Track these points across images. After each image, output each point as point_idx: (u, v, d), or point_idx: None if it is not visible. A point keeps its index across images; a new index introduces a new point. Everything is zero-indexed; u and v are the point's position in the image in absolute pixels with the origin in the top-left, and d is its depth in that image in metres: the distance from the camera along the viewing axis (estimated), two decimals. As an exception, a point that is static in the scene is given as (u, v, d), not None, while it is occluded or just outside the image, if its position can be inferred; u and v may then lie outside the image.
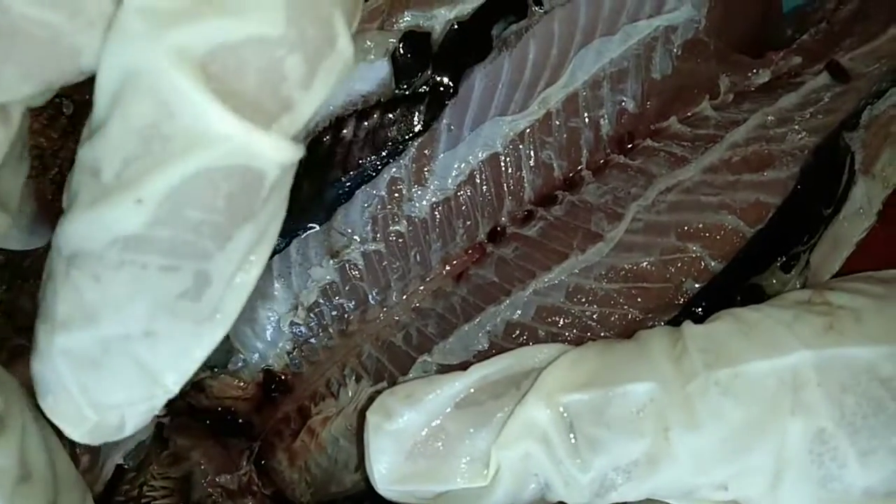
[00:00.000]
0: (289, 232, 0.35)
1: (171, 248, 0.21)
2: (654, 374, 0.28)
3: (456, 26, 0.36)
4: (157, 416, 0.34)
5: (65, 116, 0.44)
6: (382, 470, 0.29)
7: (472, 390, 0.30)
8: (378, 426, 0.29)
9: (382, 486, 0.30)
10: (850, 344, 0.27)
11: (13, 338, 0.42)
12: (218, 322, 0.23)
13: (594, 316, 0.34)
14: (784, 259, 0.36)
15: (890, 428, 0.26)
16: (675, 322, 0.34)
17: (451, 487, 0.29)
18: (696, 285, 0.35)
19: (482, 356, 0.33)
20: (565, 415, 0.28)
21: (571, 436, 0.28)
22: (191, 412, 0.35)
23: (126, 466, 0.34)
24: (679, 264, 0.34)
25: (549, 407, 0.28)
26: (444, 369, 0.34)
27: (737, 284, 0.36)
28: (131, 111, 0.20)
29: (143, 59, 0.20)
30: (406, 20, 0.35)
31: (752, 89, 0.39)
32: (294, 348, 0.35)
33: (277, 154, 0.21)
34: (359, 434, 0.32)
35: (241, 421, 0.36)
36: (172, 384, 0.23)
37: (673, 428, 0.27)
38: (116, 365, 0.23)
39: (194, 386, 0.35)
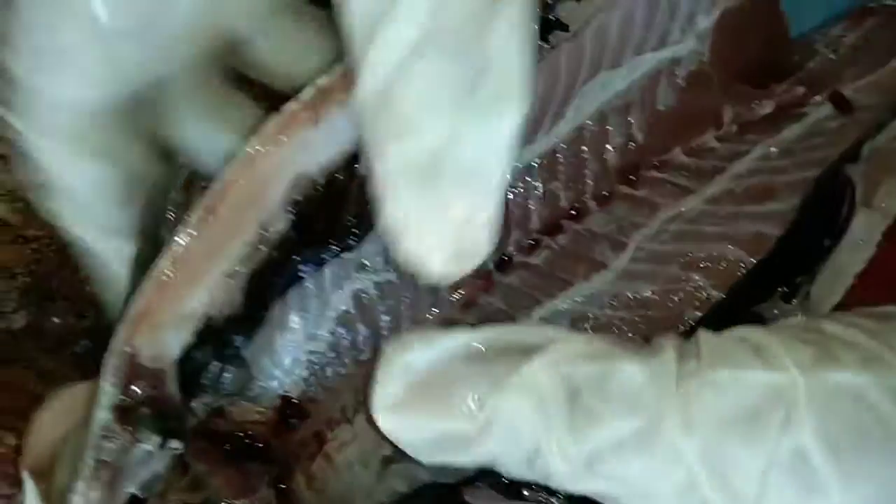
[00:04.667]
0: (307, 263, 0.36)
1: None
2: (660, 361, 0.28)
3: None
4: (173, 449, 0.34)
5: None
6: (382, 395, 0.30)
7: (484, 350, 0.30)
8: (390, 356, 0.30)
9: (379, 412, 0.30)
10: (839, 368, 0.27)
11: (41, 359, 0.43)
12: None
13: None
14: (786, 290, 0.37)
15: (873, 453, 0.27)
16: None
17: (443, 424, 0.29)
18: (698, 314, 0.35)
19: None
20: (568, 382, 0.28)
21: (570, 402, 0.28)
22: (209, 437, 0.36)
23: (140, 497, 0.35)
24: (682, 294, 0.35)
25: (553, 372, 0.28)
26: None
27: (738, 314, 0.36)
28: None
29: None
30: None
31: (756, 120, 0.39)
32: (310, 375, 0.37)
33: None
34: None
35: (260, 445, 0.37)
36: None
37: (666, 416, 0.27)
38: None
39: (214, 412, 0.36)
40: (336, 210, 0.36)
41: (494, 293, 0.37)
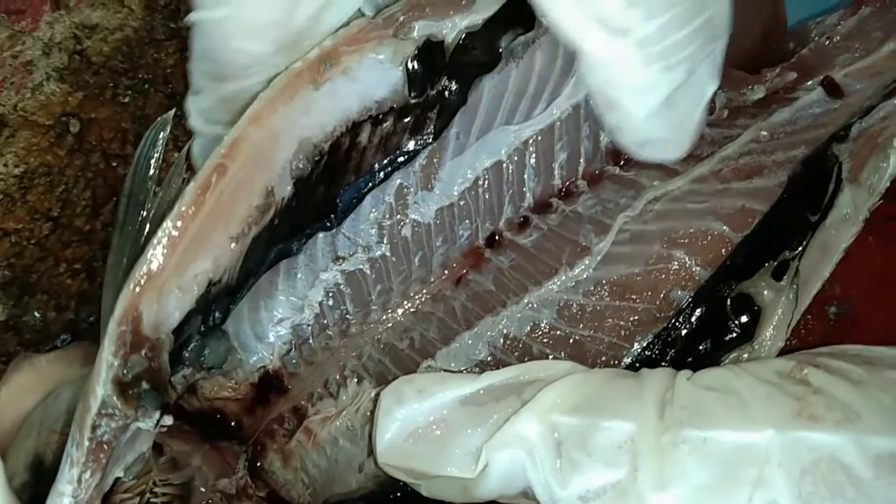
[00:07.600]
0: (301, 234, 0.37)
1: None
2: (639, 417, 0.30)
3: (466, 37, 0.36)
4: (164, 426, 0.32)
5: (71, 135, 0.45)
6: (385, 444, 0.32)
7: (480, 391, 0.32)
8: (388, 409, 0.32)
9: (383, 459, 0.32)
10: (816, 429, 0.28)
11: (21, 353, 0.41)
12: None
13: (584, 334, 0.35)
14: (774, 266, 0.37)
15: None
16: (665, 333, 0.36)
17: (442, 473, 0.32)
18: (683, 294, 0.35)
19: (483, 365, 0.35)
20: (555, 434, 0.30)
21: (556, 453, 0.30)
22: (180, 416, 0.36)
23: (125, 480, 0.33)
24: (665, 273, 0.35)
25: (541, 423, 0.31)
26: (448, 374, 0.35)
27: (725, 292, 0.36)
28: None
29: None
30: (420, 28, 0.36)
31: (748, 105, 0.40)
32: (292, 349, 0.37)
33: None
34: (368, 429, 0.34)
35: (232, 423, 0.37)
36: None
37: (642, 471, 0.29)
38: None
39: (188, 388, 0.36)
40: (335, 179, 0.37)
41: (484, 272, 0.38)
